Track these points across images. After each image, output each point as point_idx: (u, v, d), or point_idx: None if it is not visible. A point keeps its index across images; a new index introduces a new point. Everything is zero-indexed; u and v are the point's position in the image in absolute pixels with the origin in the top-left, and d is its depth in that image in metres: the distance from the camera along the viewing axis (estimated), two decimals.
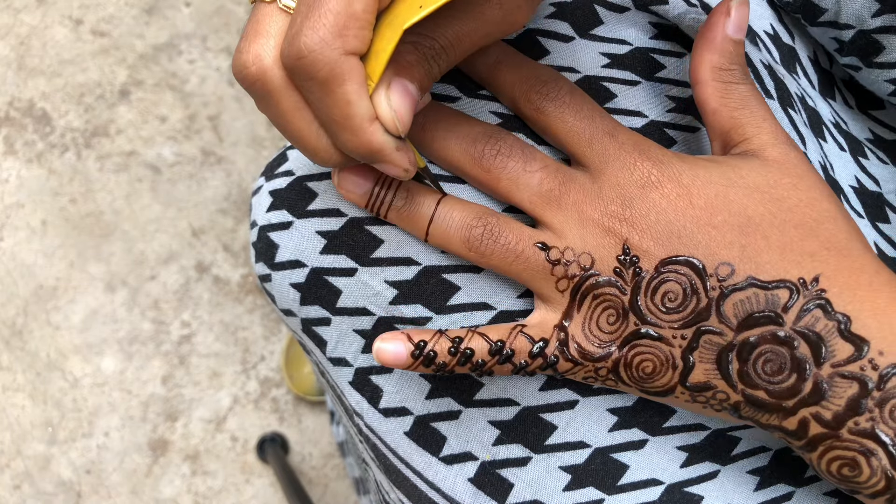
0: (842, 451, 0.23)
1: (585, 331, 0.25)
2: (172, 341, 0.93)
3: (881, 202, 0.32)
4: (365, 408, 0.30)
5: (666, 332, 0.24)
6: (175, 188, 0.97)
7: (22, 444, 0.90)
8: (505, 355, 0.25)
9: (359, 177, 0.26)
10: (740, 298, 0.23)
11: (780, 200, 0.24)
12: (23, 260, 0.94)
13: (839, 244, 0.23)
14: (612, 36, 0.29)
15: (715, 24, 0.25)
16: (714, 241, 0.23)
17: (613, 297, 0.24)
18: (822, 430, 0.23)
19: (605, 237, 0.24)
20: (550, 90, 0.26)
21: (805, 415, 0.23)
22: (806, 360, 0.22)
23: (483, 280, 0.28)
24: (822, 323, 0.22)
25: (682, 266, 0.23)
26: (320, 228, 0.29)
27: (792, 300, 0.22)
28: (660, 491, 0.28)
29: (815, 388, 0.22)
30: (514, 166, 0.25)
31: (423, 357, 0.25)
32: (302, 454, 0.91)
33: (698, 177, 0.24)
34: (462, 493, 0.28)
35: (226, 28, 1.02)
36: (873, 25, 0.30)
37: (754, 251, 0.23)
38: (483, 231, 0.25)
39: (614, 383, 0.26)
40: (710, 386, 0.24)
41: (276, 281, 0.30)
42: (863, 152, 0.33)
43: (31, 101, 0.99)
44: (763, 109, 0.25)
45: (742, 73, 0.25)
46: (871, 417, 0.22)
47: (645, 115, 0.28)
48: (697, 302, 0.23)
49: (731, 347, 0.23)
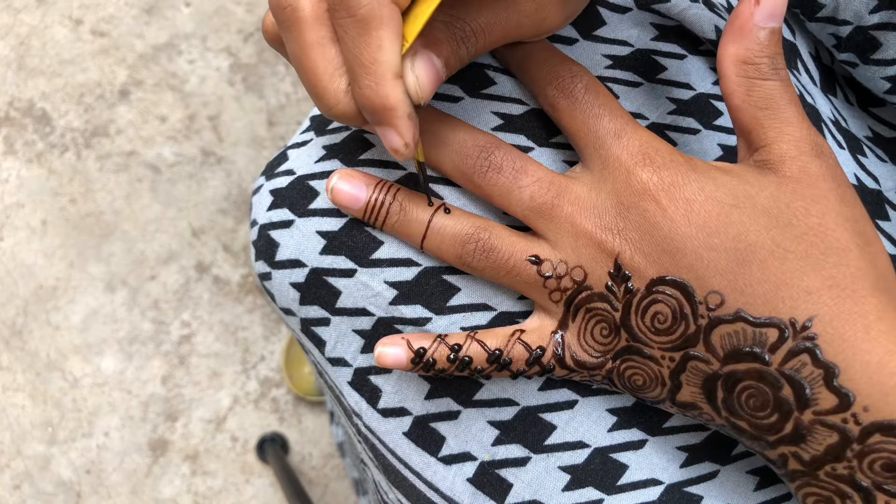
0: (818, 489, 0.23)
1: (581, 340, 0.25)
2: (172, 341, 0.93)
3: (881, 200, 0.32)
4: (364, 408, 0.30)
5: (655, 353, 0.24)
6: (175, 188, 0.96)
7: (22, 444, 0.90)
8: (503, 363, 0.25)
9: (353, 190, 0.26)
10: (727, 331, 0.22)
11: (787, 227, 0.22)
12: (23, 260, 0.94)
13: (843, 282, 0.21)
14: (615, 37, 0.29)
15: (742, 11, 0.22)
16: (706, 266, 0.22)
17: (605, 313, 0.24)
18: (800, 468, 0.23)
19: (598, 251, 0.24)
20: (566, 85, 0.26)
21: (784, 451, 0.23)
22: (789, 403, 0.22)
23: (483, 281, 0.28)
24: (808, 369, 0.21)
25: (671, 288, 0.23)
26: (320, 228, 0.29)
27: (780, 341, 0.22)
28: (659, 491, 0.28)
29: (795, 430, 0.22)
30: (504, 182, 0.25)
31: (423, 364, 0.25)
32: (302, 454, 0.91)
33: (703, 191, 0.23)
34: (461, 494, 0.28)
35: (226, 28, 1.02)
36: (871, 22, 0.29)
37: (747, 283, 0.22)
38: (475, 247, 0.25)
39: (609, 386, 0.26)
40: (696, 406, 0.24)
41: (276, 279, 0.30)
42: (861, 150, 0.33)
43: (31, 101, 0.99)
44: (790, 111, 0.23)
45: (770, 66, 0.22)
46: (850, 466, 0.21)
47: (646, 117, 0.28)
48: (686, 327, 0.23)
49: (717, 377, 0.23)
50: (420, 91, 0.21)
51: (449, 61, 0.22)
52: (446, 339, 0.26)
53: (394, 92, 0.21)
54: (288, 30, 0.22)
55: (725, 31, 0.23)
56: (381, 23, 0.20)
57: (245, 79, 1.00)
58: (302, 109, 1.00)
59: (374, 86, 0.21)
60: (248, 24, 1.02)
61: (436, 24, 0.22)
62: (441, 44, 0.22)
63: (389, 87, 0.21)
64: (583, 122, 0.25)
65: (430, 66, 0.22)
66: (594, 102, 0.25)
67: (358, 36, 0.20)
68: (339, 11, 0.20)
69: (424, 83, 0.21)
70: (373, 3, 0.20)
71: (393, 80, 0.21)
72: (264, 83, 1.00)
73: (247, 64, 1.01)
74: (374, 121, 0.22)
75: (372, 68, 0.21)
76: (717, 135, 0.29)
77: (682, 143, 0.29)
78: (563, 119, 0.26)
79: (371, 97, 0.21)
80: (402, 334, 0.26)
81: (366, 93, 0.21)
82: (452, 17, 0.22)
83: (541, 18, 0.23)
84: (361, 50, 0.20)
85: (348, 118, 0.23)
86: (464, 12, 0.23)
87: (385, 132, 0.22)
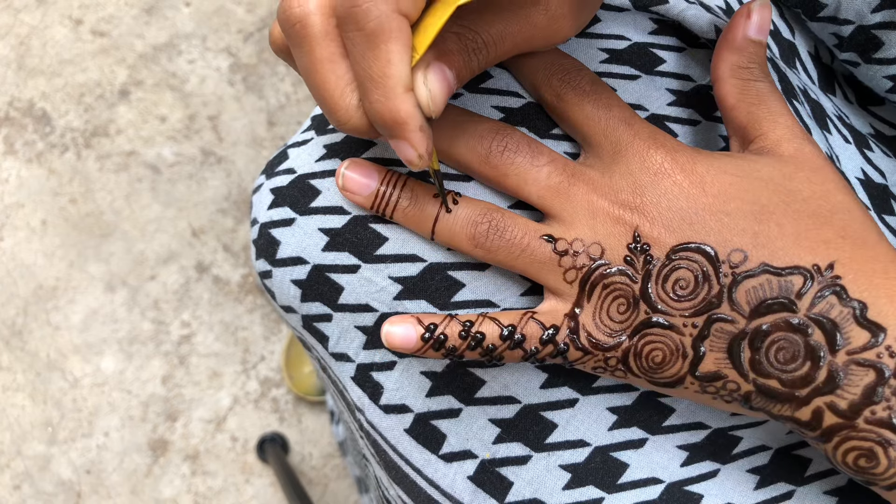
0: (858, 442, 0.22)
1: (596, 320, 0.25)
2: (172, 341, 0.93)
3: (887, 194, 0.32)
4: (366, 403, 0.30)
5: (677, 321, 0.24)
6: (175, 188, 0.97)
7: (22, 444, 0.90)
8: (516, 340, 0.25)
9: (363, 178, 0.26)
10: (753, 285, 0.23)
11: (794, 192, 0.24)
12: (23, 260, 0.94)
13: (854, 233, 0.23)
14: (611, 32, 0.29)
15: (736, 25, 0.25)
16: (726, 227, 0.23)
17: (624, 287, 0.24)
18: (838, 420, 0.22)
19: (615, 226, 0.24)
20: (572, 78, 0.26)
21: (819, 404, 0.22)
22: (820, 348, 0.22)
23: (488, 277, 0.28)
24: (836, 309, 0.22)
25: (693, 253, 0.23)
26: (323, 226, 0.29)
27: (806, 287, 0.22)
28: (660, 489, 0.28)
29: (829, 376, 0.22)
30: (521, 161, 0.25)
31: (433, 340, 0.24)
32: (302, 454, 0.91)
33: (712, 166, 0.24)
34: (461, 491, 0.28)
35: (226, 28, 1.02)
36: (873, 21, 0.29)
37: (767, 238, 0.23)
38: (488, 227, 0.25)
39: (623, 374, 0.25)
40: (720, 376, 0.24)
41: (276, 277, 0.30)
42: (868, 145, 0.33)
43: (31, 101, 0.99)
44: (780, 106, 0.25)
45: (761, 71, 0.26)
46: (889, 406, 0.21)
47: (645, 108, 0.28)
48: (709, 289, 0.23)
49: (742, 335, 0.23)
50: (432, 104, 0.21)
51: (461, 73, 0.22)
52: (457, 317, 0.25)
53: (404, 105, 0.21)
54: (298, 46, 0.22)
55: (720, 42, 0.26)
56: (389, 36, 0.20)
57: (245, 79, 1.00)
58: (302, 109, 1.00)
59: (385, 100, 0.21)
60: (248, 24, 1.02)
61: (448, 36, 0.22)
62: (453, 55, 0.22)
63: (400, 100, 0.21)
64: (592, 111, 0.26)
65: (443, 78, 0.21)
66: (602, 93, 0.26)
67: (367, 50, 0.20)
68: (348, 25, 0.20)
69: (437, 96, 0.21)
70: (381, 16, 0.20)
71: (403, 94, 0.21)
72: (264, 83, 1.00)
73: (247, 64, 1.01)
74: (386, 134, 0.22)
75: (381, 82, 0.20)
76: (718, 126, 0.29)
77: (683, 135, 0.29)
78: (569, 109, 0.26)
79: (381, 111, 0.21)
80: (410, 313, 0.26)
81: (376, 107, 0.21)
82: (464, 28, 0.22)
83: (553, 31, 0.23)
84: (370, 64, 0.20)
85: (361, 132, 0.23)
86: (475, 23, 0.22)
87: (398, 145, 0.22)
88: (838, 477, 0.29)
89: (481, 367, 0.28)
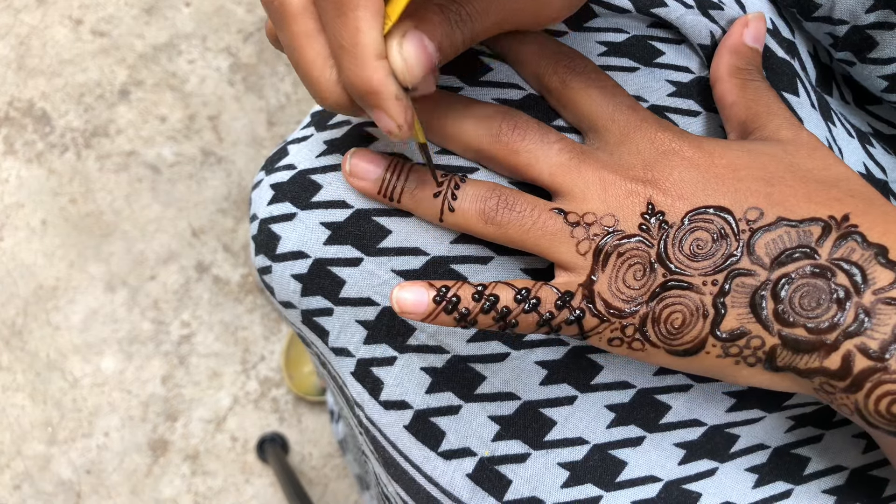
0: (891, 385, 0.21)
1: (612, 288, 0.24)
2: (172, 341, 0.93)
3: (887, 191, 0.32)
4: (366, 399, 0.30)
5: (696, 280, 0.23)
6: (175, 188, 0.97)
7: (22, 444, 0.90)
8: (531, 303, 0.24)
9: (370, 164, 0.26)
10: (772, 237, 0.23)
11: (797, 164, 0.24)
12: (23, 260, 0.94)
13: (860, 193, 0.24)
14: (608, 26, 0.29)
15: (734, 33, 0.28)
16: (739, 190, 0.23)
17: (639, 253, 0.24)
18: (869, 364, 0.21)
19: (628, 198, 0.24)
20: (577, 65, 0.26)
21: (849, 347, 0.21)
22: (846, 289, 0.22)
23: (491, 272, 0.28)
24: (858, 253, 0.22)
25: (709, 215, 0.23)
26: (325, 220, 0.29)
27: (825, 235, 0.22)
28: (658, 488, 0.28)
29: (857, 316, 0.21)
30: (532, 139, 0.26)
31: (445, 302, 0.23)
32: (302, 454, 0.91)
33: (719, 145, 0.25)
34: (460, 489, 0.28)
35: (226, 28, 1.02)
36: (867, 21, 0.30)
37: (781, 196, 0.23)
38: (497, 201, 0.25)
39: (641, 345, 0.24)
40: (744, 332, 0.23)
41: (276, 272, 0.30)
42: (869, 141, 0.33)
43: (30, 101, 0.99)
44: (777, 102, 0.27)
45: (758, 72, 0.27)
46: None
47: (646, 99, 0.28)
48: (727, 245, 0.23)
49: (764, 286, 0.22)
50: (408, 72, 0.20)
51: (442, 44, 0.22)
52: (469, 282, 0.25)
53: (377, 74, 0.20)
54: (279, 24, 0.22)
55: (720, 47, 0.28)
56: (358, 3, 0.20)
57: (245, 79, 1.00)
58: (302, 109, 1.00)
59: (356, 68, 0.20)
60: (248, 24, 1.02)
61: (430, 6, 0.22)
62: (434, 25, 0.21)
63: (371, 68, 0.20)
64: (599, 96, 0.26)
65: (420, 46, 0.21)
66: (606, 81, 0.26)
67: (336, 17, 0.20)
68: None
69: (413, 64, 0.20)
70: None
71: (375, 61, 0.20)
72: (264, 83, 1.00)
73: (247, 64, 1.01)
74: (363, 105, 0.21)
75: (352, 50, 0.20)
76: (719, 117, 0.29)
77: (684, 125, 0.29)
78: (575, 95, 0.26)
79: (354, 80, 0.21)
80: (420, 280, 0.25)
81: (348, 76, 0.21)
82: (448, 0, 0.22)
83: (540, 6, 0.23)
84: (341, 32, 0.20)
85: (342, 107, 0.22)
86: None
87: (376, 115, 0.21)
88: (837, 476, 0.29)
89: (482, 363, 0.28)
